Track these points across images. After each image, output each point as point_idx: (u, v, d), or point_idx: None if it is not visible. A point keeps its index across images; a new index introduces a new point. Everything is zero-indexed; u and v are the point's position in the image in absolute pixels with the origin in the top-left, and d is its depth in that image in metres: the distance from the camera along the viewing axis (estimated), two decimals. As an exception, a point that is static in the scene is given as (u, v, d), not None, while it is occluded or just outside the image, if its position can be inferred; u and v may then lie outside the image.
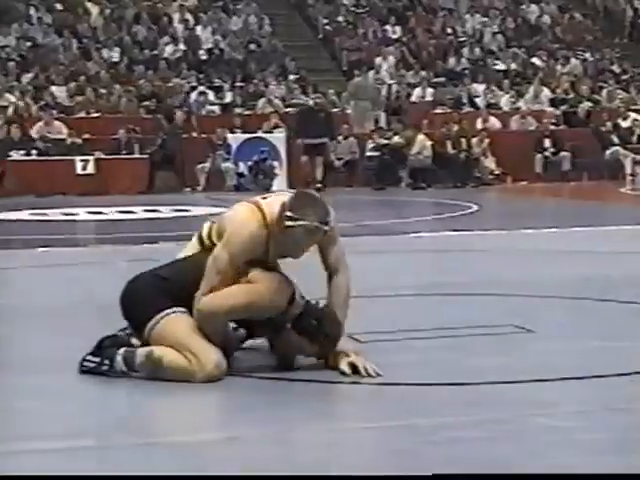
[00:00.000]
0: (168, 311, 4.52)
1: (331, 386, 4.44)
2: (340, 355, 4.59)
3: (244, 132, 20.03)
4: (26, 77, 21.14)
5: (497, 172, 20.07)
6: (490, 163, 20.05)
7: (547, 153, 20.18)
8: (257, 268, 4.55)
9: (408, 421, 3.86)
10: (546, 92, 22.42)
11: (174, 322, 4.51)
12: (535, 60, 24.16)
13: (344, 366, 4.52)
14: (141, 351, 4.50)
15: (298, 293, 4.62)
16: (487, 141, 20.08)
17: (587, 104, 22.05)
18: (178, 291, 4.55)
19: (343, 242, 4.79)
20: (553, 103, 22.23)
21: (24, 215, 14.46)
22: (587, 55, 24.73)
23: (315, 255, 4.74)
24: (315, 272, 4.79)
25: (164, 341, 4.48)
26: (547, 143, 20.30)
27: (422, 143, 19.57)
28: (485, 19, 25.75)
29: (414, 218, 13.12)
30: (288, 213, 4.51)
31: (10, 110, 19.88)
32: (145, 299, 4.57)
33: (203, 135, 19.66)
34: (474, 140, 20.09)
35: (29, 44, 22.25)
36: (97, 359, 4.53)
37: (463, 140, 20.05)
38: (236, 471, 3.34)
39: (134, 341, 4.62)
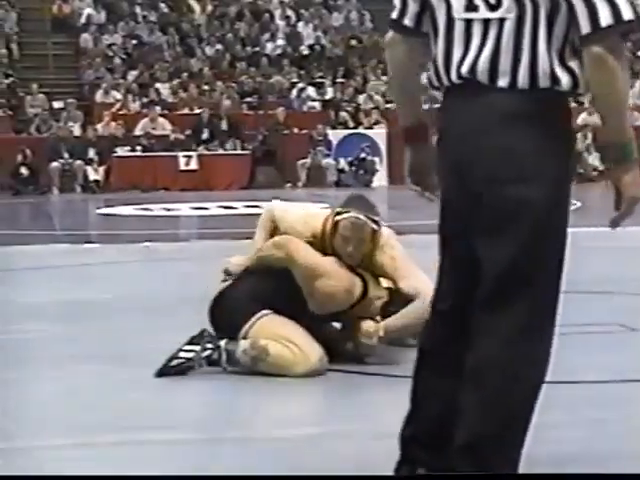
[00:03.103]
0: (261, 313, 4.55)
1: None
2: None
3: (345, 128, 20.09)
4: (131, 74, 21.52)
5: (601, 168, 19.73)
6: (593, 159, 19.72)
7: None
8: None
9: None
10: (652, 86, 21.97)
11: (270, 320, 4.54)
12: (641, 54, 23.68)
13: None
14: (243, 341, 4.52)
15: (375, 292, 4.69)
16: (590, 137, 19.75)
17: (695, 98, 21.55)
18: (265, 295, 4.58)
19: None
20: (660, 98, 21.77)
21: (129, 210, 14.72)
22: (696, 48, 24.15)
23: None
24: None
25: (264, 336, 4.52)
26: (653, 139, 19.89)
27: (524, 139, 19.36)
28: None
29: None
30: (337, 209, 4.73)
31: (116, 107, 20.26)
32: (235, 308, 4.59)
33: (304, 131, 19.76)
34: (577, 136, 19.79)
35: (134, 42, 22.65)
36: (197, 347, 4.52)
37: (566, 136, 19.76)
38: (350, 468, 3.36)
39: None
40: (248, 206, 14.74)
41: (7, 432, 3.77)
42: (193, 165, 18.95)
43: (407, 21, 2.72)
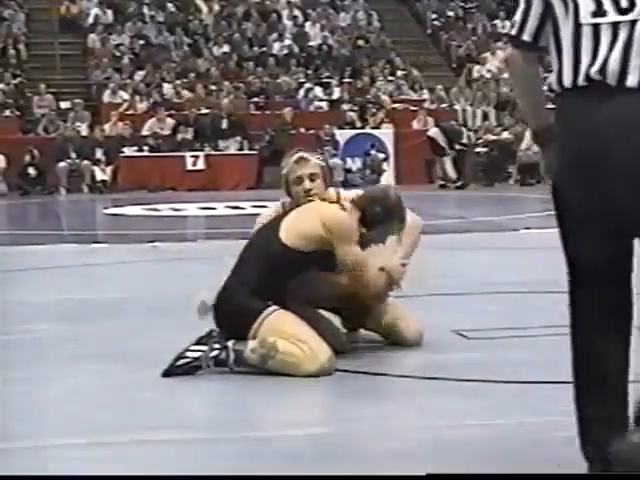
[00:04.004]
0: (269, 310, 4.51)
1: (438, 383, 4.42)
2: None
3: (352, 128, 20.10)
4: (139, 75, 21.53)
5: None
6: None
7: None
8: None
9: (518, 419, 3.83)
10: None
11: (278, 318, 4.51)
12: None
13: None
14: (252, 341, 4.48)
15: None
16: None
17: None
18: (266, 287, 4.55)
19: (451, 239, 4.78)
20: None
21: (136, 210, 14.73)
22: None
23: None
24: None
25: (272, 334, 4.50)
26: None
27: (531, 139, 19.33)
28: (597, 12, 25.29)
29: (523, 214, 12.97)
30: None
31: (123, 107, 20.27)
32: (240, 307, 4.56)
33: (311, 131, 19.75)
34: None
35: (142, 42, 22.66)
36: (204, 347, 4.49)
37: (574, 136, 19.74)
38: (345, 468, 3.35)
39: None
40: (255, 206, 14.74)
41: (13, 432, 3.77)
42: (200, 165, 18.96)
43: (526, 36, 2.88)
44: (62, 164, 18.52)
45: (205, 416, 4.10)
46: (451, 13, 25.16)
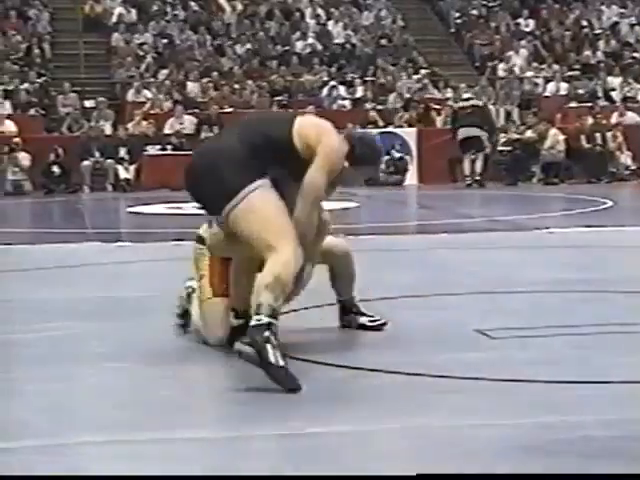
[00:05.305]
0: (250, 187, 4.42)
1: (454, 381, 4.40)
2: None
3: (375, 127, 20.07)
4: (162, 73, 21.59)
5: (633, 167, 19.61)
6: (626, 158, 19.59)
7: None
8: None
9: (539, 419, 3.82)
10: (685, 85, 21.79)
11: (255, 202, 4.42)
12: (674, 52, 23.50)
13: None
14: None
15: None
16: (622, 136, 19.62)
17: None
18: (260, 155, 4.51)
19: (474, 237, 4.75)
20: (693, 96, 21.59)
21: (159, 209, 14.76)
22: None
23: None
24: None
25: (247, 222, 4.41)
26: (686, 138, 19.72)
27: (555, 138, 19.25)
28: (623, 10, 25.15)
29: (546, 214, 12.92)
30: None
31: (147, 106, 20.33)
32: (225, 174, 4.47)
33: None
34: (609, 134, 19.66)
35: (165, 41, 22.72)
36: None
37: (598, 135, 19.65)
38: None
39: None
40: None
41: (32, 429, 3.79)
42: (223, 164, 18.97)
43: None
44: (86, 163, 18.60)
45: (226, 414, 4.09)
46: (474, 12, 25.09)
